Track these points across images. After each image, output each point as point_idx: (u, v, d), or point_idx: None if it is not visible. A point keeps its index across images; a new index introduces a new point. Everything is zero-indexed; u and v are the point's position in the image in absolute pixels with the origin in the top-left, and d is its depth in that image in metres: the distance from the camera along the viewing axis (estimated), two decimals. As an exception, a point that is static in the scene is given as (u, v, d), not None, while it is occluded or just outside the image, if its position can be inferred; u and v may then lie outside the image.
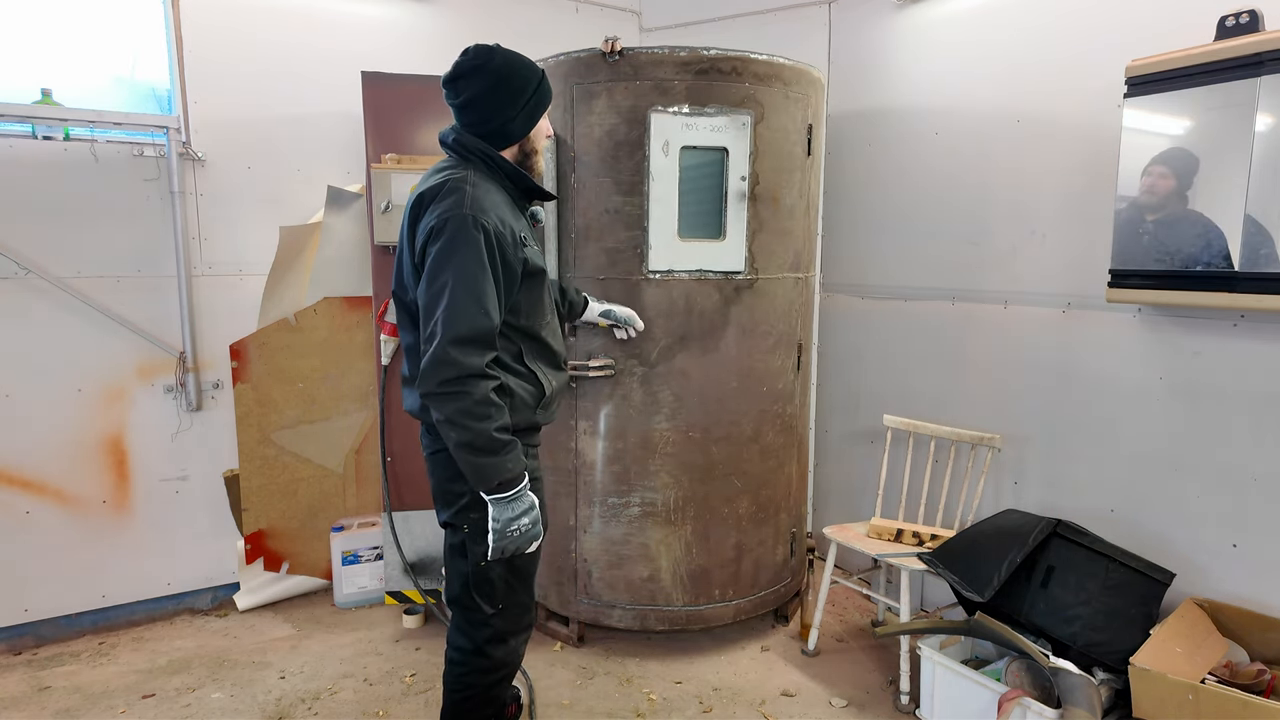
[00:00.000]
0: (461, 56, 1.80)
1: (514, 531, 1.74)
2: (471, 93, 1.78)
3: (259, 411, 3.14)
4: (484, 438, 1.66)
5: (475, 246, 1.67)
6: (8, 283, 2.81)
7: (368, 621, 3.17)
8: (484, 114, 1.80)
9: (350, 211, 3.23)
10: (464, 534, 1.85)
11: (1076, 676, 2.07)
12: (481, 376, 1.67)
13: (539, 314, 1.93)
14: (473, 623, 1.92)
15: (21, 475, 2.89)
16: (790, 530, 3.03)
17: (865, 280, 3.43)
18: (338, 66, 3.25)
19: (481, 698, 1.97)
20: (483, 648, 1.92)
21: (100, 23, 2.93)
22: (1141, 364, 2.48)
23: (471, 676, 1.94)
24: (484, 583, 1.87)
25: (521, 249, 1.80)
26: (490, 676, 1.95)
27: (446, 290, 1.65)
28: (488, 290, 1.69)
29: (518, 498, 1.74)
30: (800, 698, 2.65)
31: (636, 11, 3.99)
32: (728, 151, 2.64)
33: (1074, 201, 2.62)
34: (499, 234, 1.72)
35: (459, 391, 1.65)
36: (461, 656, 1.94)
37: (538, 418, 1.91)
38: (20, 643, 2.96)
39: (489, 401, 1.68)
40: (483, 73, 1.78)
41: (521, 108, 1.82)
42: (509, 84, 1.80)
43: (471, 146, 1.81)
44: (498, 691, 1.99)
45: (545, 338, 1.94)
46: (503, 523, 1.73)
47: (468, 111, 1.81)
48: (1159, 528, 2.46)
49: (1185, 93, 2.12)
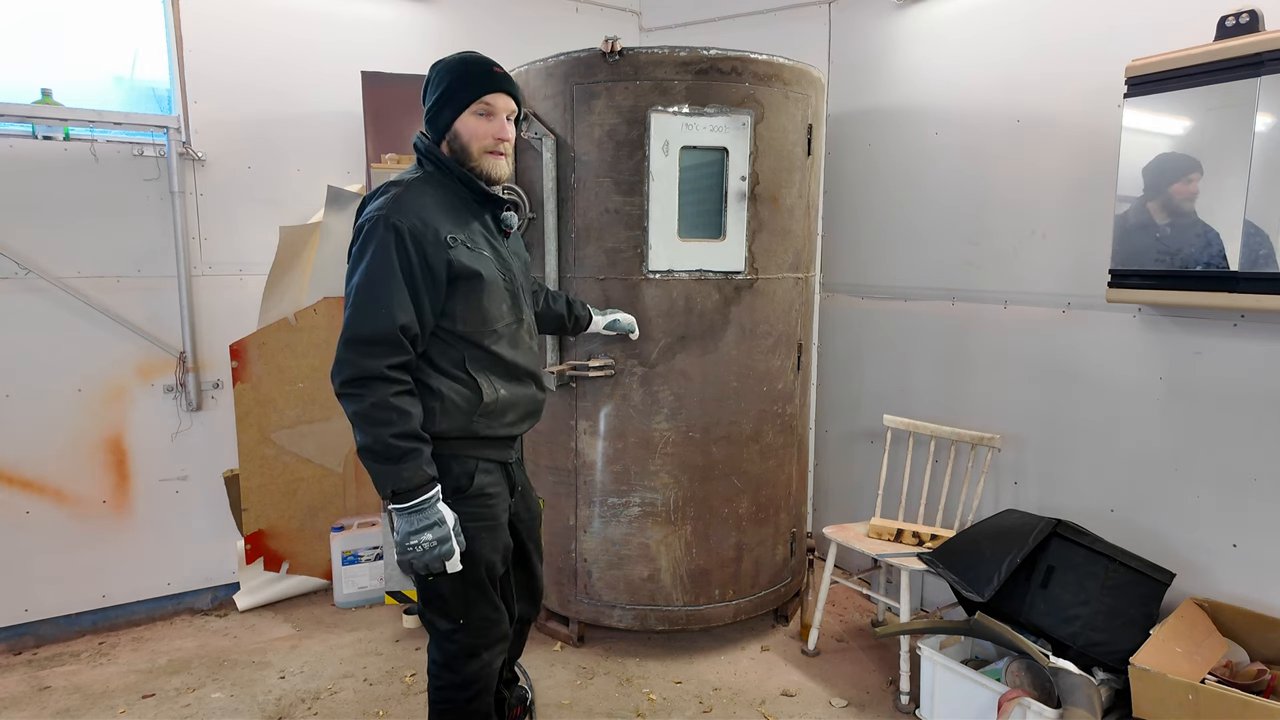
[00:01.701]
0: None
1: (414, 546, 1.63)
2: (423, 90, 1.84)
3: (259, 411, 3.14)
4: (380, 443, 1.61)
5: (385, 247, 1.64)
6: (8, 283, 2.81)
7: (368, 621, 3.17)
8: (424, 109, 1.84)
9: (350, 211, 3.22)
10: None
11: (1076, 676, 2.07)
12: (381, 379, 1.62)
13: (480, 321, 1.80)
14: (439, 638, 1.85)
15: (21, 475, 2.89)
16: (790, 530, 3.03)
17: (865, 280, 3.43)
18: (338, 66, 3.25)
19: (461, 711, 1.88)
20: (451, 663, 1.84)
21: (100, 22, 2.93)
22: (1141, 364, 2.48)
23: (447, 691, 1.87)
24: (434, 598, 1.79)
25: (447, 250, 1.71)
26: (464, 692, 1.86)
27: (354, 291, 1.65)
28: (394, 291, 1.64)
29: (420, 509, 1.63)
30: (800, 698, 2.65)
31: (636, 11, 3.99)
32: (728, 151, 2.64)
33: (1074, 201, 2.62)
34: (416, 234, 1.67)
35: (356, 394, 1.62)
36: (436, 670, 1.87)
37: (476, 426, 1.79)
38: (20, 643, 2.96)
39: (388, 406, 1.62)
40: (428, 75, 1.84)
41: (437, 98, 1.80)
42: (431, 77, 1.83)
43: (419, 146, 1.84)
44: (478, 705, 1.89)
45: (491, 347, 1.81)
46: (402, 535, 1.64)
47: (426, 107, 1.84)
48: (1159, 528, 2.46)
49: (1185, 93, 2.12)
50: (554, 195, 2.70)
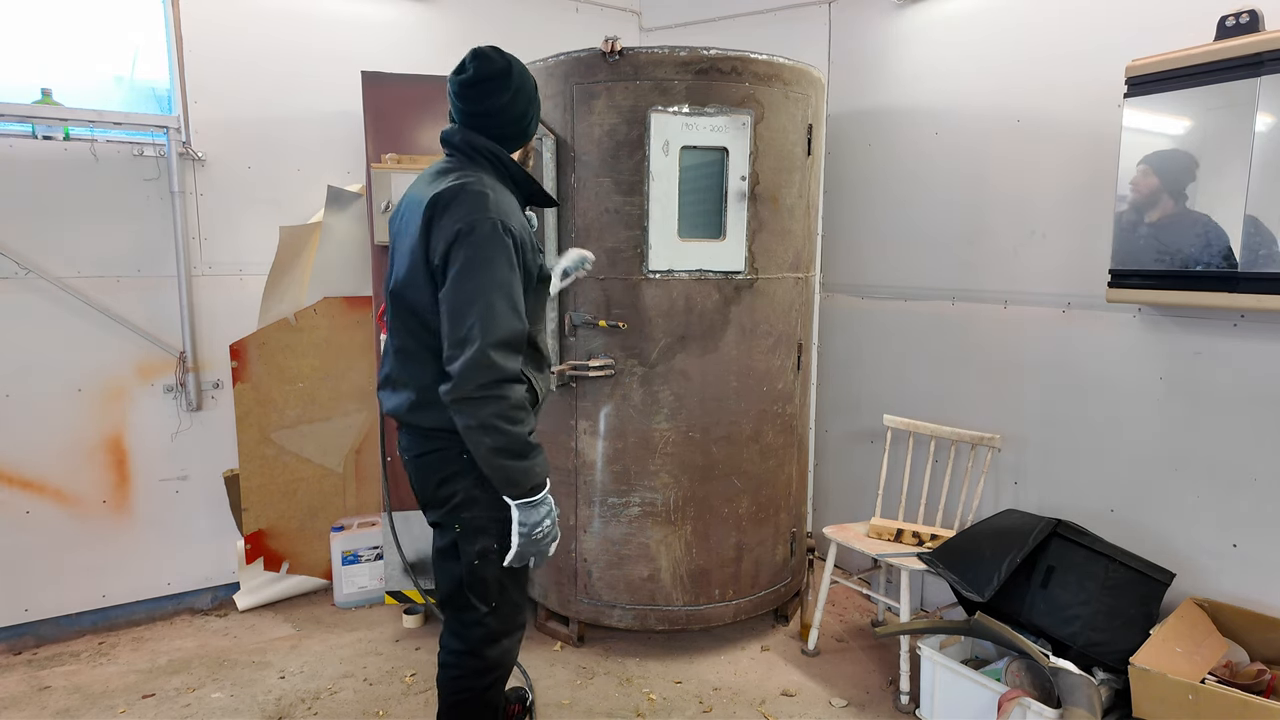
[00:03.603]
0: (480, 61, 1.77)
1: (539, 534, 1.73)
2: (495, 98, 1.77)
3: (259, 411, 3.14)
4: (519, 442, 1.66)
5: (507, 251, 1.67)
6: (8, 283, 2.81)
7: (368, 621, 3.17)
8: (506, 117, 1.80)
9: (350, 211, 3.23)
10: (455, 534, 1.83)
11: (1076, 676, 2.07)
12: (516, 380, 1.67)
13: (540, 319, 1.93)
14: (465, 624, 1.89)
15: (21, 475, 2.89)
16: (790, 530, 3.03)
17: (865, 280, 3.43)
18: (338, 66, 3.25)
19: (478, 700, 1.93)
20: (476, 649, 1.89)
21: (100, 22, 2.93)
22: (1141, 364, 2.48)
23: (466, 679, 1.91)
24: (477, 582, 1.84)
25: (538, 255, 1.82)
26: (484, 679, 1.92)
27: (481, 294, 1.63)
28: (518, 294, 1.69)
29: (543, 501, 1.73)
30: (800, 698, 2.65)
31: (636, 11, 3.99)
32: (728, 151, 2.64)
33: (1074, 201, 2.62)
34: (522, 239, 1.72)
35: (497, 395, 1.63)
36: (455, 659, 1.91)
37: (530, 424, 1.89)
38: (20, 643, 2.96)
39: (522, 405, 1.67)
40: (507, 77, 1.78)
41: (537, 110, 1.87)
42: (526, 87, 1.82)
43: (482, 148, 1.79)
44: (493, 694, 1.96)
45: (539, 343, 1.92)
46: (529, 527, 1.72)
47: (488, 116, 1.79)
48: (1159, 528, 2.46)
49: (1185, 93, 2.12)
50: (554, 195, 2.70)
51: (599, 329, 2.70)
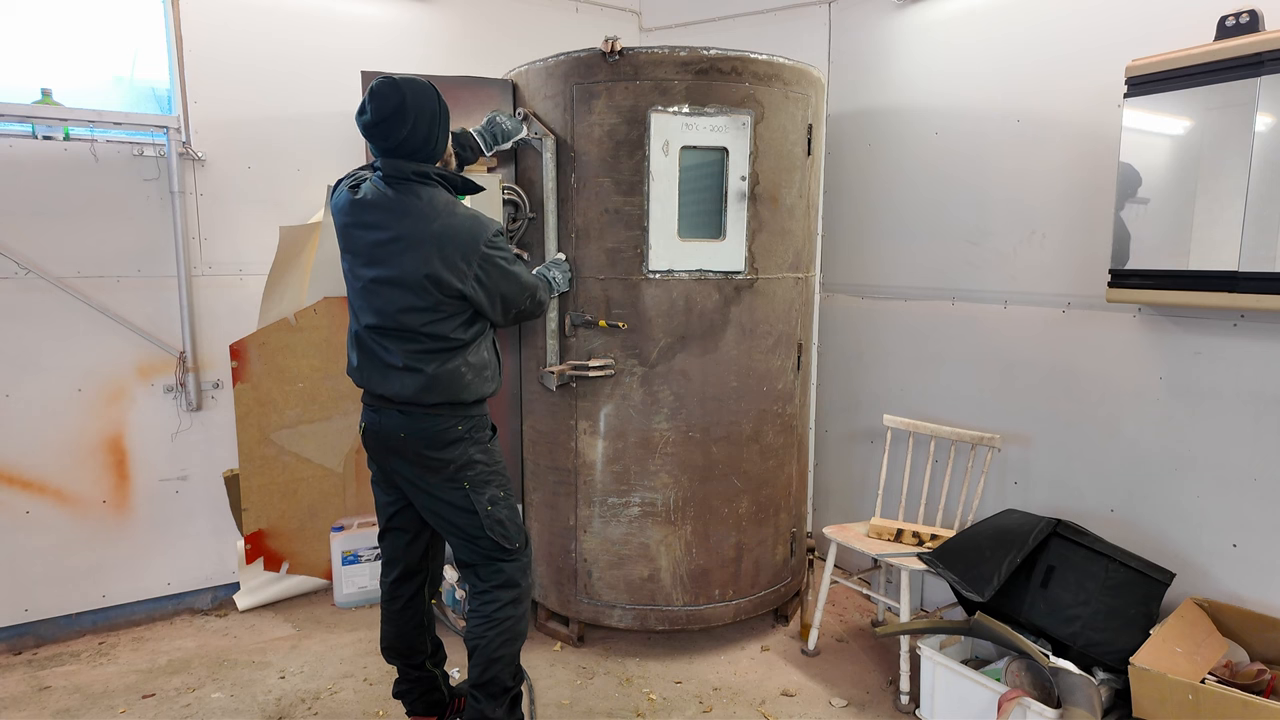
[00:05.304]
0: (376, 101, 1.95)
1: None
2: (398, 131, 1.97)
3: (259, 411, 3.14)
4: (547, 296, 2.40)
5: (509, 250, 2.17)
6: (8, 283, 2.81)
7: (368, 621, 3.17)
8: (414, 144, 2.00)
9: (350, 211, 3.23)
10: (465, 490, 2.11)
11: (1076, 676, 2.07)
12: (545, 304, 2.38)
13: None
14: (496, 566, 2.18)
15: (21, 475, 2.89)
16: (790, 530, 3.03)
17: (865, 280, 3.43)
18: (338, 66, 3.25)
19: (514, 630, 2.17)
20: (512, 580, 2.19)
21: (100, 23, 2.93)
22: (1141, 364, 2.48)
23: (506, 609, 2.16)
24: (496, 524, 2.15)
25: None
26: (519, 608, 2.19)
27: (522, 275, 2.18)
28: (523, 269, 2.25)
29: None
30: (800, 698, 2.65)
31: (636, 11, 3.99)
32: (728, 151, 2.64)
33: (1074, 201, 2.62)
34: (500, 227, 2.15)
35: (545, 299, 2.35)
36: (488, 596, 2.16)
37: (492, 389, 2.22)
38: (20, 643, 2.96)
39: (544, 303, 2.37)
40: (401, 112, 1.95)
41: (444, 126, 2.08)
42: (426, 111, 2.00)
43: (411, 173, 2.02)
44: (524, 626, 2.22)
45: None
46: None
47: (400, 145, 1.99)
48: (1159, 528, 2.46)
49: (1185, 93, 2.12)
50: (554, 195, 2.70)
51: (599, 329, 2.70)
